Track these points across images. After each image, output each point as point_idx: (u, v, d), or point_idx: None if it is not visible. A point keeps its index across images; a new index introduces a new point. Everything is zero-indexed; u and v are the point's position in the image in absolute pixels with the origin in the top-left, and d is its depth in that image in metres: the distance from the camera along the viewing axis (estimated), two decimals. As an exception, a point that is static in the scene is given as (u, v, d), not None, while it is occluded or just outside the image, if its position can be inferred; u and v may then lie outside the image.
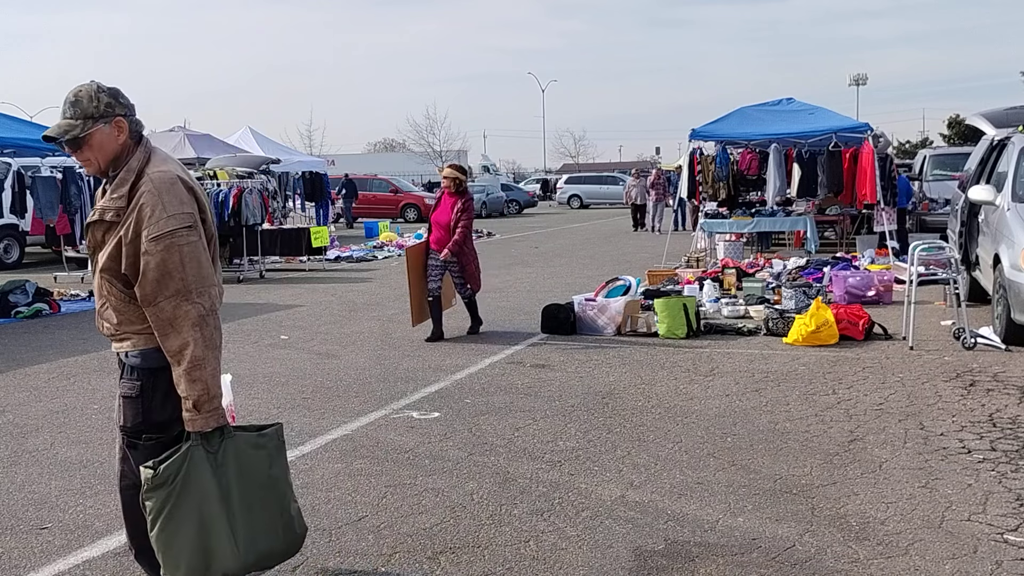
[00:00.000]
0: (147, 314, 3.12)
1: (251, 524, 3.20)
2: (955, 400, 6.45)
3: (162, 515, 3.09)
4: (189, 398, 3.08)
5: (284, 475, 3.37)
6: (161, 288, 3.07)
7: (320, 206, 25.35)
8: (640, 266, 15.24)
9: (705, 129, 16.06)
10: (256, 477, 3.24)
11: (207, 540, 3.12)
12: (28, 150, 13.35)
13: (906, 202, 17.06)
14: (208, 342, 3.10)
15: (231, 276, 15.69)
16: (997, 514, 4.34)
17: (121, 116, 3.18)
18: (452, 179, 9.28)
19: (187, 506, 3.09)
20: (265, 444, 3.30)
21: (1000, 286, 8.28)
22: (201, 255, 3.16)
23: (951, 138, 53.29)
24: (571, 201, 45.29)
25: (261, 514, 3.24)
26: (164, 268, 3.06)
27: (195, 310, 3.09)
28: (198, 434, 3.11)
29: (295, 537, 3.38)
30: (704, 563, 3.90)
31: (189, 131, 23.56)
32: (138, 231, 3.08)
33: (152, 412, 3.23)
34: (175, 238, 3.07)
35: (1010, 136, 9.70)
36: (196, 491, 3.10)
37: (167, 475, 3.07)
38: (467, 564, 3.95)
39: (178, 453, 3.10)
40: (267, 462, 3.29)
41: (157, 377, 3.20)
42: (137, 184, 3.12)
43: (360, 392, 7.13)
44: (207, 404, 3.09)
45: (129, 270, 3.12)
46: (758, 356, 8.19)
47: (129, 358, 3.25)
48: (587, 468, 5.18)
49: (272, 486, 3.29)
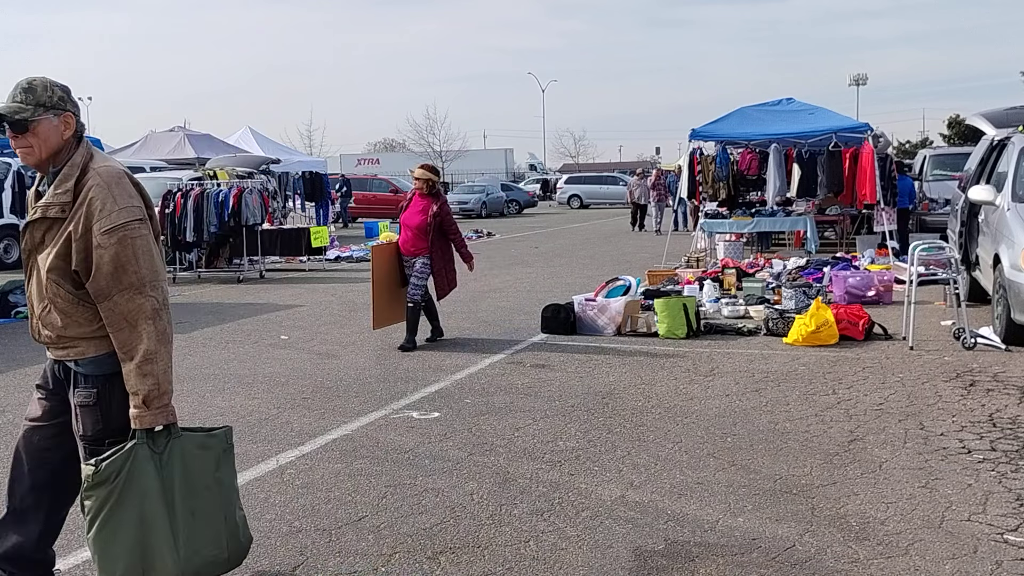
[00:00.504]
0: (101, 310, 3.07)
1: (194, 530, 3.11)
2: (955, 400, 6.45)
3: (101, 515, 3.00)
4: (139, 393, 3.01)
5: (231, 480, 3.28)
6: (116, 282, 3.03)
7: (320, 206, 25.36)
8: (640, 266, 15.24)
9: (705, 129, 16.06)
10: (201, 478, 3.15)
11: (147, 544, 3.02)
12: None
13: (908, 202, 17.05)
14: (161, 336, 3.06)
15: (231, 276, 15.71)
16: (997, 514, 4.34)
17: (71, 112, 3.17)
18: (425, 180, 8.86)
19: (128, 506, 3.01)
20: (213, 446, 3.22)
21: (1000, 286, 8.28)
22: (153, 248, 3.13)
23: (951, 138, 53.27)
24: (571, 201, 45.31)
25: (204, 520, 3.15)
26: (118, 261, 3.02)
27: (149, 304, 3.05)
28: (144, 432, 3.03)
29: (239, 547, 3.29)
30: (704, 563, 3.90)
31: (189, 131, 23.60)
32: (88, 225, 3.04)
33: (112, 417, 3.15)
34: (128, 231, 3.04)
35: (1010, 136, 9.70)
36: (138, 490, 3.02)
37: (109, 472, 2.99)
38: (467, 564, 3.95)
39: (122, 451, 3.01)
40: (214, 464, 3.20)
41: (113, 382, 3.13)
42: (83, 179, 3.09)
43: (360, 392, 7.13)
44: (157, 400, 3.03)
45: (80, 266, 3.07)
46: (758, 356, 8.19)
47: (80, 366, 3.17)
48: (587, 468, 5.18)
49: (217, 489, 3.20)
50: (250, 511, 4.62)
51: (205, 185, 16.03)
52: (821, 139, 15.84)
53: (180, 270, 15.93)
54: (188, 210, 15.28)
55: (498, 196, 39.68)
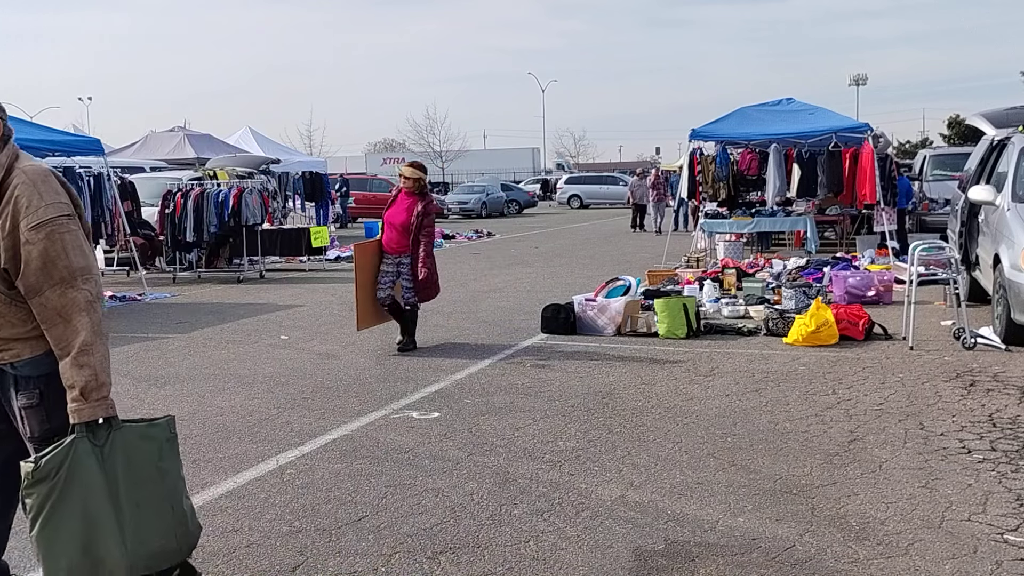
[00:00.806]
0: (33, 307, 3.05)
1: (140, 522, 3.07)
2: (955, 400, 6.45)
3: (43, 512, 2.95)
4: (76, 386, 2.98)
5: (176, 469, 3.23)
6: (46, 277, 3.01)
7: (320, 206, 25.35)
8: (640, 266, 15.24)
9: (705, 129, 16.07)
10: (144, 469, 3.11)
11: (92, 539, 2.99)
12: (28, 150, 13.13)
13: (906, 203, 17.06)
14: (96, 328, 3.03)
15: (231, 276, 15.71)
16: (997, 514, 4.34)
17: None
18: (415, 179, 8.57)
19: (71, 502, 2.96)
20: (156, 436, 3.18)
21: (1000, 286, 8.28)
22: (83, 243, 3.12)
23: (951, 138, 53.27)
24: (571, 201, 45.34)
25: (151, 511, 3.11)
26: (47, 256, 3.01)
27: (82, 296, 3.04)
28: (84, 425, 2.99)
29: (188, 536, 3.25)
30: (704, 563, 3.90)
31: (189, 131, 23.60)
32: (15, 223, 3.04)
33: (56, 415, 3.11)
34: (56, 226, 3.04)
35: (1010, 136, 9.71)
36: (80, 486, 2.97)
37: (49, 469, 2.94)
38: (467, 564, 3.95)
39: (62, 446, 2.97)
40: (157, 454, 3.16)
41: (53, 380, 3.10)
42: (8, 178, 3.10)
43: (360, 392, 7.13)
44: (95, 392, 2.99)
45: (9, 263, 3.06)
46: (758, 356, 8.19)
47: (19, 369, 3.14)
48: (587, 468, 5.18)
49: (161, 479, 3.16)
50: (250, 511, 4.62)
51: (205, 185, 16.03)
52: (821, 139, 15.85)
53: (180, 270, 15.92)
54: (188, 210, 15.28)
55: (498, 196, 39.69)
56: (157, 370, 8.17)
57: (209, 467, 5.35)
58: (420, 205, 8.55)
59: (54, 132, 14.31)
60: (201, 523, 3.40)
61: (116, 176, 15.45)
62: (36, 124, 15.59)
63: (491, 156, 72.89)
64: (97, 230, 14.75)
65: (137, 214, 16.03)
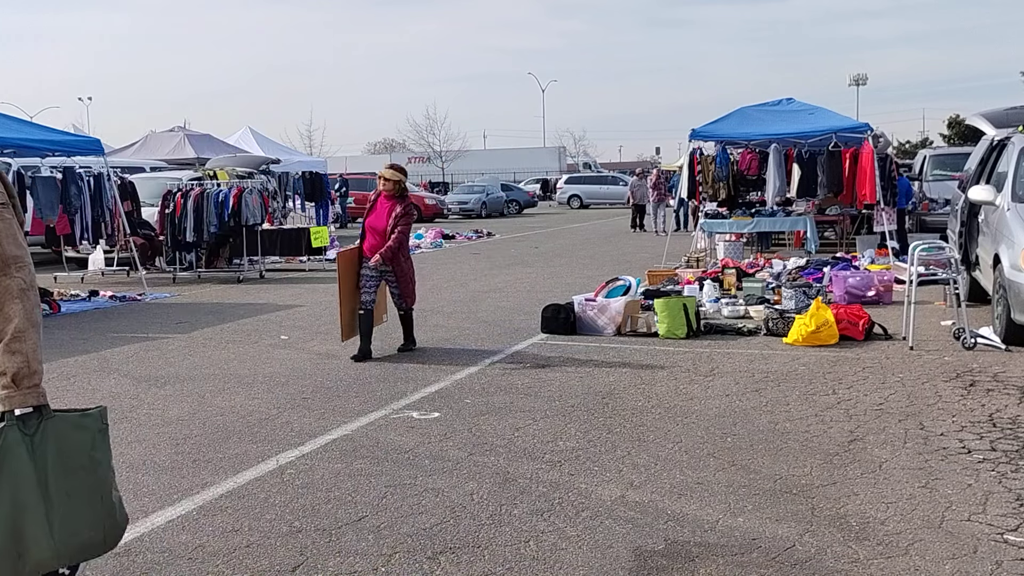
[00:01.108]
0: None
1: (69, 512, 3.05)
2: (955, 400, 6.45)
3: None
4: (7, 372, 2.95)
5: (107, 460, 3.20)
6: None
7: (320, 206, 25.34)
8: (640, 266, 15.24)
9: (705, 129, 16.07)
10: (76, 459, 3.08)
11: (20, 527, 2.96)
12: (28, 150, 13.33)
13: (906, 203, 17.06)
14: (29, 315, 3.01)
15: (231, 276, 15.71)
16: (997, 514, 4.34)
17: None
18: (395, 182, 8.42)
19: None
20: (88, 426, 3.15)
21: (1000, 286, 8.28)
22: (17, 232, 3.11)
23: (951, 138, 53.29)
24: (571, 201, 45.35)
25: (81, 501, 3.08)
26: None
27: (15, 284, 3.02)
28: (13, 414, 2.96)
29: (116, 527, 3.21)
30: (704, 563, 3.90)
31: (189, 131, 23.64)
32: None
33: None
34: None
35: (1010, 136, 9.71)
36: (9, 476, 2.95)
37: None
38: (467, 564, 3.95)
39: None
40: (89, 443, 3.13)
41: None
42: None
43: (360, 392, 7.13)
44: (27, 379, 2.97)
45: None
46: (758, 356, 8.19)
47: None
48: (587, 468, 5.18)
49: (92, 469, 3.13)
50: (250, 511, 4.63)
51: (205, 185, 16.03)
52: (821, 139, 15.84)
53: (180, 270, 15.92)
54: (188, 210, 15.28)
55: (498, 196, 39.69)
56: (157, 370, 8.17)
57: (209, 467, 5.35)
58: (400, 208, 8.40)
59: (54, 132, 14.30)
60: (128, 514, 3.36)
61: (116, 176, 15.45)
62: (36, 124, 15.58)
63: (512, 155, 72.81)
64: (97, 230, 14.77)
65: (137, 214, 16.04)
